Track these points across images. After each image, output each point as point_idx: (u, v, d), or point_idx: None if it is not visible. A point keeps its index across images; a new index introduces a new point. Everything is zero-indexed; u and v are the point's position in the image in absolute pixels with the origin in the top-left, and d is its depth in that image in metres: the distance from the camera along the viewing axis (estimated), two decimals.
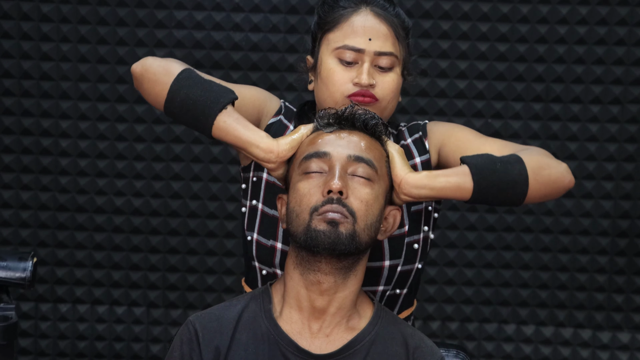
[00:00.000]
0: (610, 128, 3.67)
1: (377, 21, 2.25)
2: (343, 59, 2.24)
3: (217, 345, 2.04)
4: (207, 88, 2.17)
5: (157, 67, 2.23)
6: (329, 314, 2.05)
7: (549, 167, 2.16)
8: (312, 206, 1.99)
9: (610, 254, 3.72)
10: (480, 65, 3.65)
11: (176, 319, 3.75)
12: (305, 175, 2.02)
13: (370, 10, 2.26)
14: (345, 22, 2.26)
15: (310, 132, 2.10)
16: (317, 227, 1.97)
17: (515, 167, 2.11)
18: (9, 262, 2.55)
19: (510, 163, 2.11)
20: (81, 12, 3.64)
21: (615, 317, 3.73)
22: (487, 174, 2.09)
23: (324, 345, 2.04)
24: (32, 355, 3.77)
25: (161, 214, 3.71)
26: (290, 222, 2.02)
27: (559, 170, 2.17)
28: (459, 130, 2.32)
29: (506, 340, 3.76)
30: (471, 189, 2.09)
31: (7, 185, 3.71)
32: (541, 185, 2.14)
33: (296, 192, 2.02)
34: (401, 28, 2.28)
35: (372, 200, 2.02)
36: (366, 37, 2.24)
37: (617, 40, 3.63)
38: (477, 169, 2.09)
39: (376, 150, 2.07)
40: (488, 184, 2.09)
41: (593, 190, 3.68)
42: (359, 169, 2.02)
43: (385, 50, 2.24)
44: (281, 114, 2.35)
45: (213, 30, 3.66)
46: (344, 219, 1.98)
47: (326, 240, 1.97)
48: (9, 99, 3.68)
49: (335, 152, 2.03)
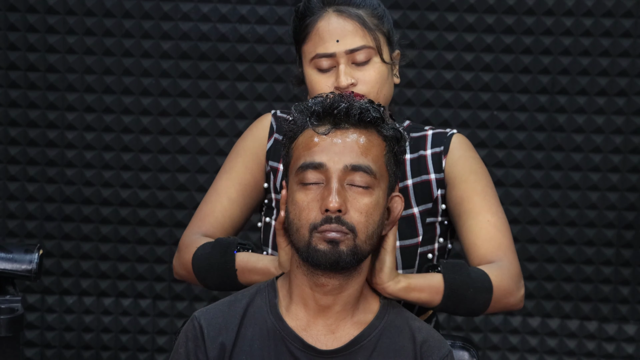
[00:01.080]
0: (616, 120, 3.66)
1: (341, 20, 2.24)
2: (320, 67, 2.25)
3: (223, 341, 2.03)
4: (215, 268, 2.26)
5: (181, 271, 2.35)
6: (335, 311, 2.04)
7: (511, 296, 2.23)
8: (311, 223, 1.97)
9: (617, 246, 3.71)
10: (486, 57, 3.64)
11: (182, 310, 3.75)
12: (302, 186, 1.99)
13: (333, 12, 2.25)
14: (313, 30, 2.26)
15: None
16: (317, 245, 1.96)
17: (484, 296, 2.18)
18: (15, 254, 2.55)
19: (480, 292, 2.18)
20: (87, 5, 3.64)
21: (621, 309, 3.73)
22: (457, 299, 2.16)
23: (331, 341, 2.03)
24: (38, 347, 3.78)
25: (167, 206, 3.71)
26: (291, 232, 2.01)
27: (517, 299, 2.24)
28: (474, 181, 2.30)
29: (512, 332, 3.76)
30: (436, 304, 2.16)
31: (14, 178, 3.72)
32: (495, 309, 2.23)
33: (295, 204, 2.00)
34: (371, 16, 2.26)
35: (372, 208, 1.99)
36: (333, 40, 2.23)
37: (623, 32, 3.62)
38: (451, 291, 2.15)
39: (374, 147, 2.02)
40: (453, 305, 2.17)
41: (599, 183, 3.68)
42: (357, 178, 1.98)
43: (355, 47, 2.23)
44: (274, 132, 2.35)
45: (219, 22, 3.66)
46: (344, 237, 1.96)
47: (327, 260, 1.96)
48: (15, 91, 3.68)
49: (331, 162, 1.98)
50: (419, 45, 3.63)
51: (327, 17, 2.25)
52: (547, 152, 3.67)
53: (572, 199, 3.69)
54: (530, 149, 3.67)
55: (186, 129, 3.69)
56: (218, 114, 3.68)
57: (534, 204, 3.69)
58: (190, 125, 3.69)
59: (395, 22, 3.60)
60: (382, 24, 2.27)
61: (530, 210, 3.70)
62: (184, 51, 3.66)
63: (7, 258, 2.55)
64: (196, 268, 2.28)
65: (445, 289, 2.14)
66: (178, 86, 3.66)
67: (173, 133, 3.69)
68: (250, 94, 3.66)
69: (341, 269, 1.98)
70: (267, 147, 2.36)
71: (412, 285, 2.11)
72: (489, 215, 2.27)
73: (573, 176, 3.68)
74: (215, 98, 3.68)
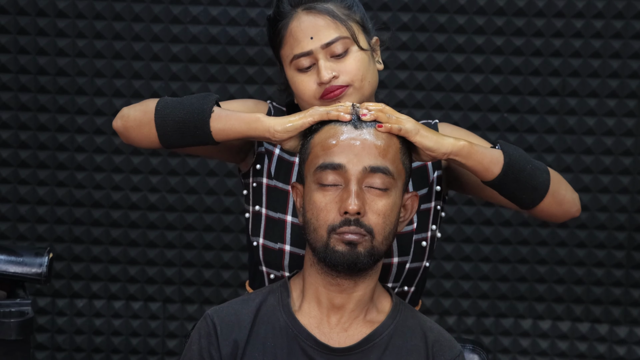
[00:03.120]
0: (626, 122, 3.65)
1: (312, 17, 2.25)
2: (300, 67, 2.25)
3: (236, 339, 2.04)
4: (187, 105, 2.19)
5: (134, 113, 2.25)
6: (348, 310, 2.05)
7: (567, 191, 2.25)
8: (330, 224, 1.99)
9: (627, 249, 3.70)
10: (496, 59, 3.64)
11: (192, 314, 3.75)
12: (320, 187, 2.01)
13: (303, 11, 2.26)
14: (287, 32, 2.27)
15: (314, 122, 2.08)
16: (335, 247, 1.98)
17: (542, 175, 2.19)
18: (25, 257, 2.56)
19: (539, 169, 2.19)
20: (97, 8, 3.65)
21: (632, 311, 3.72)
22: (516, 170, 2.15)
23: (343, 339, 2.05)
24: (48, 350, 3.78)
25: (177, 209, 3.72)
26: (308, 232, 2.03)
27: (573, 197, 2.26)
28: (466, 136, 2.31)
29: (523, 335, 3.75)
30: (493, 176, 2.14)
31: (24, 181, 3.72)
32: (554, 202, 2.22)
33: (312, 204, 2.02)
34: (341, 7, 2.26)
35: (389, 210, 2.01)
36: (307, 37, 2.24)
37: (634, 34, 3.61)
38: (511, 162, 2.14)
39: (392, 147, 2.04)
40: (512, 178, 2.15)
41: (610, 185, 3.67)
42: (376, 181, 2.00)
43: (330, 40, 2.23)
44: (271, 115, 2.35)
45: (228, 25, 3.66)
46: (362, 239, 1.99)
47: (345, 261, 1.99)
48: (25, 94, 3.69)
49: (351, 164, 2.00)
50: (427, 48, 3.63)
51: (297, 17, 2.26)
52: (557, 155, 3.66)
53: (583, 201, 3.67)
54: (540, 151, 3.66)
55: None
56: None
57: None
58: None
59: (404, 25, 3.61)
60: (354, 13, 2.28)
61: None
62: (194, 54, 3.66)
63: (17, 261, 2.56)
64: (158, 110, 2.20)
65: (505, 159, 2.14)
66: (188, 89, 3.66)
67: None
68: (260, 96, 3.66)
69: (358, 270, 2.00)
70: None
71: (475, 147, 2.11)
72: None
73: (584, 178, 3.67)
74: (224, 101, 3.67)
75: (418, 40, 3.61)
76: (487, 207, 3.69)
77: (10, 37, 3.66)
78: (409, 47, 3.62)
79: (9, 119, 3.70)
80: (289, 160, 2.32)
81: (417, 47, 3.62)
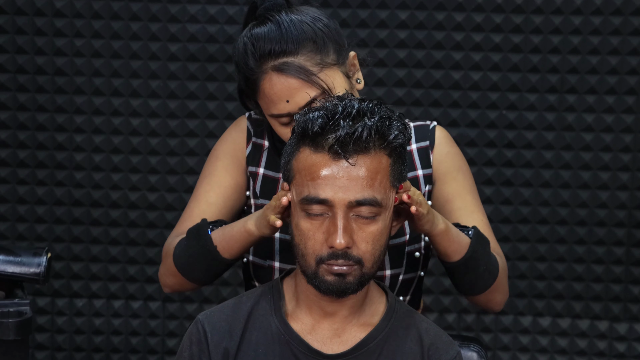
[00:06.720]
0: (625, 118, 3.65)
1: (282, 79, 2.16)
2: (282, 122, 2.20)
3: (226, 346, 2.02)
4: (195, 255, 2.23)
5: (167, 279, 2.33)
6: (341, 316, 2.03)
7: (500, 294, 2.26)
8: (318, 255, 1.95)
9: (627, 245, 3.70)
10: (494, 56, 3.63)
11: (192, 312, 3.75)
12: (307, 216, 1.96)
13: (273, 72, 2.17)
14: (259, 91, 2.20)
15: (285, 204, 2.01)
16: (324, 276, 1.95)
17: (488, 280, 2.21)
18: (24, 257, 2.56)
19: (490, 274, 2.20)
20: (94, 7, 3.64)
21: (632, 308, 3.72)
22: (470, 267, 2.16)
23: (336, 345, 2.02)
24: (48, 350, 3.78)
25: (176, 208, 3.72)
26: (297, 256, 1.99)
27: (502, 299, 2.28)
28: (464, 179, 2.31)
29: (522, 333, 3.75)
30: (450, 262, 2.16)
31: (23, 181, 3.72)
32: (484, 300, 2.25)
33: (299, 230, 1.97)
34: (313, 55, 2.17)
35: (378, 235, 1.96)
36: (283, 101, 2.16)
37: (632, 30, 3.60)
38: (470, 259, 2.15)
39: (380, 173, 1.95)
40: (463, 271, 2.17)
41: (609, 182, 3.67)
42: (363, 210, 1.94)
43: (306, 102, 2.16)
44: (251, 137, 2.33)
45: (226, 24, 3.66)
46: (350, 269, 1.95)
47: (334, 290, 1.96)
48: (23, 94, 3.69)
49: (336, 197, 1.92)
50: (426, 45, 3.62)
51: (269, 79, 2.17)
52: (556, 151, 3.66)
53: (582, 198, 3.68)
54: (539, 148, 3.66)
55: (194, 131, 3.69)
56: (226, 115, 3.68)
57: (543, 203, 3.68)
58: (199, 127, 3.69)
59: (403, 22, 3.60)
60: (326, 54, 2.19)
61: (539, 210, 3.69)
62: (192, 53, 3.66)
63: (15, 261, 2.55)
64: (180, 266, 2.25)
65: (467, 254, 2.14)
66: (186, 88, 3.66)
67: (181, 135, 3.69)
68: None
69: (349, 294, 1.98)
70: (247, 152, 2.33)
71: (449, 234, 2.12)
72: (481, 214, 2.30)
73: (583, 175, 3.67)
74: (223, 100, 3.68)
75: (416, 37, 3.61)
76: (486, 205, 3.69)
77: (8, 37, 3.66)
78: (407, 45, 3.61)
79: (7, 119, 3.70)
80: (274, 177, 2.31)
81: (415, 45, 3.62)
